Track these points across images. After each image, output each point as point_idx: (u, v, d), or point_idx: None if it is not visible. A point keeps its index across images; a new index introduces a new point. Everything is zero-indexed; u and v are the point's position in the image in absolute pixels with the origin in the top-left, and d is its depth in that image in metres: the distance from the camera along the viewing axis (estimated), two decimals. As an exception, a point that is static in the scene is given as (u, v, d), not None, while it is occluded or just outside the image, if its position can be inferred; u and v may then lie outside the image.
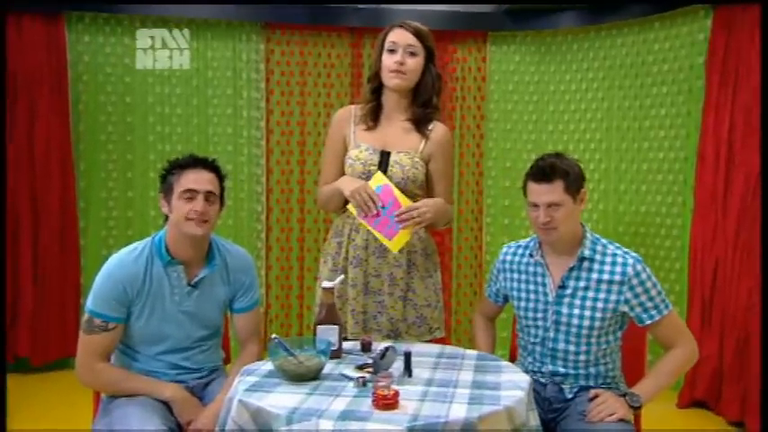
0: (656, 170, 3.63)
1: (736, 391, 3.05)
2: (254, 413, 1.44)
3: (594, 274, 1.87)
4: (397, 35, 2.08)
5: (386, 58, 2.08)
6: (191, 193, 1.84)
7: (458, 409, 1.42)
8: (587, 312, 1.87)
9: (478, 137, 4.11)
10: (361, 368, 1.69)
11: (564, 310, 1.90)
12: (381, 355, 1.63)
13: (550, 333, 1.92)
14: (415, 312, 2.11)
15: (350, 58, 3.99)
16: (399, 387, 1.49)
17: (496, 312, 2.18)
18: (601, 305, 1.86)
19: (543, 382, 1.94)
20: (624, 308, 1.85)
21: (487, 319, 2.19)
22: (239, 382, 1.59)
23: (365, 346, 1.88)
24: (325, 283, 1.90)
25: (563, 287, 1.90)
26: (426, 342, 2.09)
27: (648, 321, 1.85)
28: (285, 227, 4.01)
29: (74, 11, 3.68)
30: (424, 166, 2.11)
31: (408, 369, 1.65)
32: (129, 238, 3.69)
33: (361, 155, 2.09)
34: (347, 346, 1.90)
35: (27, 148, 3.59)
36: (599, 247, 1.90)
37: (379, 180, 2.00)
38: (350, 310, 2.09)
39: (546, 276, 1.94)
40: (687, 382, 3.28)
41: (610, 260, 1.87)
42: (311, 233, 4.02)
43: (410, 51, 2.07)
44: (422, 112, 2.13)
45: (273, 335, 1.68)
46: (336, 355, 1.79)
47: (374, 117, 2.14)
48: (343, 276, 2.04)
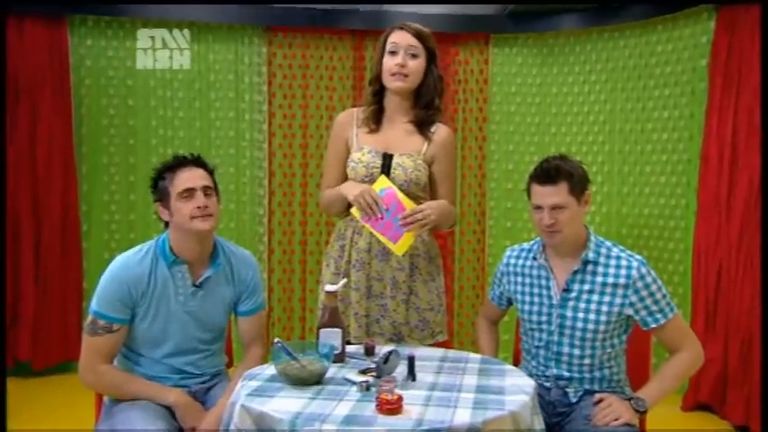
0: (659, 172, 3.62)
1: (740, 394, 3.04)
2: (256, 418, 1.43)
3: (599, 278, 1.86)
4: (397, 37, 2.07)
5: (387, 60, 2.07)
6: (189, 192, 1.83)
7: (462, 414, 1.41)
8: (592, 316, 1.85)
9: (481, 139, 4.10)
10: (364, 372, 1.68)
11: (569, 313, 1.88)
12: (385, 360, 1.62)
13: (555, 337, 1.91)
14: (418, 316, 2.10)
15: (352, 60, 3.99)
16: (403, 391, 1.49)
17: (500, 316, 2.18)
18: (606, 308, 1.84)
19: (547, 385, 1.92)
20: (629, 311, 1.84)
21: (490, 323, 2.18)
22: (242, 387, 1.58)
23: (369, 350, 1.87)
24: (328, 287, 1.89)
25: (567, 290, 1.89)
26: (429, 346, 2.08)
27: (654, 325, 1.83)
28: (287, 230, 4.00)
29: (76, 14, 3.68)
30: (426, 168, 2.10)
31: (412, 373, 1.64)
32: (132, 241, 3.68)
33: (363, 158, 2.08)
34: (350, 349, 1.89)
35: (29, 151, 3.59)
36: (603, 250, 1.88)
37: (382, 183, 2.00)
38: (353, 314, 2.08)
39: (550, 279, 1.93)
40: (691, 386, 3.26)
41: (614, 263, 1.85)
42: (313, 236, 4.01)
43: (411, 53, 2.06)
44: (424, 113, 2.11)
45: (276, 339, 1.67)
46: (339, 358, 1.78)
47: (376, 120, 2.13)
48: (345, 280, 2.03)
